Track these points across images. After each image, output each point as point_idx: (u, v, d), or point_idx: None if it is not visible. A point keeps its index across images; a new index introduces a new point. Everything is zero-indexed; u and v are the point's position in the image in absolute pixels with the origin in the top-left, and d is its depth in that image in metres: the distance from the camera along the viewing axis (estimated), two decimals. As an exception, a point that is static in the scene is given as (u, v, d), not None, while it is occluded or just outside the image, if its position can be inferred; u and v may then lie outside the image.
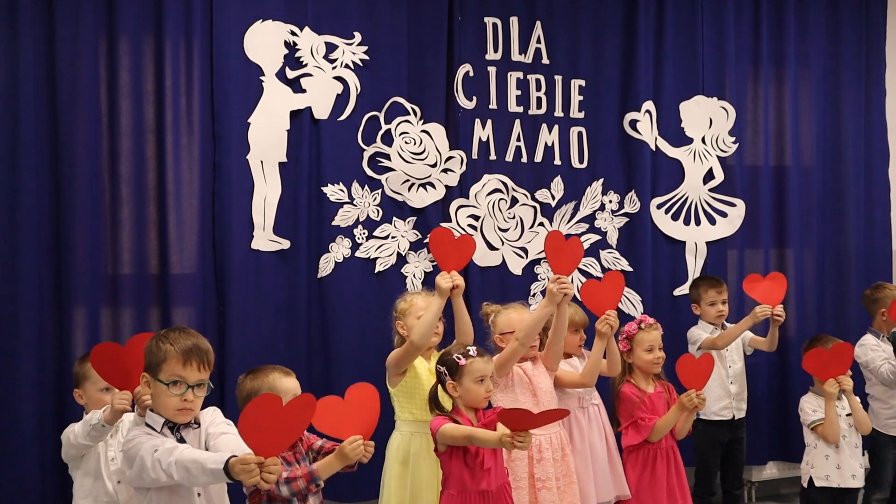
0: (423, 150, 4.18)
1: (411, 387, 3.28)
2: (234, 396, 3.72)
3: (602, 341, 3.44)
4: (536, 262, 4.40)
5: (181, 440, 2.37)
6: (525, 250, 4.38)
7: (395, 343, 3.45)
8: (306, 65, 3.98)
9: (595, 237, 4.50)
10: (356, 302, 4.04)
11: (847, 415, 3.74)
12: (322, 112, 3.99)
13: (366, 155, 4.09)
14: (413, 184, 4.16)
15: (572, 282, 4.41)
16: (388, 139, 4.13)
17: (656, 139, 4.61)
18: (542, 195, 4.42)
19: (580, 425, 3.55)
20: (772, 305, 4.07)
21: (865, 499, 4.16)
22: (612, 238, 4.53)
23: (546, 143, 4.43)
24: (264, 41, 3.89)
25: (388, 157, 4.12)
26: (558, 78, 4.45)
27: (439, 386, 3.03)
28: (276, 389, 2.68)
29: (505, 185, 4.34)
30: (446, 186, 4.22)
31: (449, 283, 3.16)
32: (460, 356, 2.94)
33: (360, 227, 4.07)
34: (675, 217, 4.66)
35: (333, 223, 4.02)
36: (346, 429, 2.56)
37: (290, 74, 3.95)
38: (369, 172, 4.09)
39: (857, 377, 4.09)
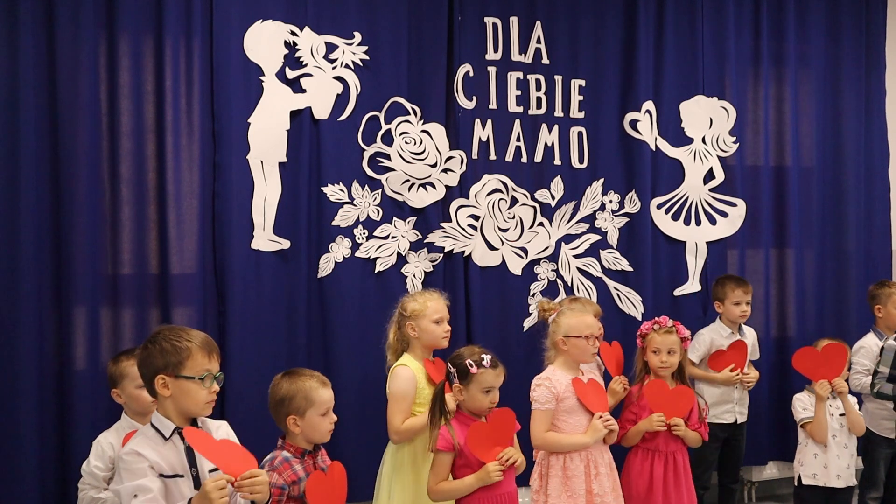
0: (423, 150, 4.18)
1: (419, 395, 3.32)
2: (234, 396, 3.75)
3: (614, 400, 3.62)
4: (536, 262, 4.40)
5: (188, 449, 2.32)
6: (525, 250, 4.38)
7: (390, 340, 3.47)
8: (306, 65, 3.97)
9: (595, 237, 4.50)
10: (356, 302, 4.04)
11: (840, 415, 3.74)
12: (322, 112, 3.99)
13: (366, 155, 4.09)
14: (413, 184, 4.16)
15: (572, 284, 4.43)
16: (388, 139, 4.13)
17: (656, 139, 4.61)
18: (542, 195, 4.42)
19: None
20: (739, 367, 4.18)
21: (861, 498, 4.16)
22: (613, 238, 4.53)
23: (546, 143, 4.43)
24: (264, 41, 3.89)
25: (388, 157, 4.12)
26: (558, 78, 4.45)
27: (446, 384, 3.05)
28: (311, 399, 2.65)
29: (505, 185, 4.34)
30: (446, 186, 4.22)
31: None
32: (473, 364, 2.92)
33: (360, 227, 4.07)
34: (675, 217, 4.66)
35: (333, 223, 4.02)
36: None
37: (290, 74, 3.95)
38: (369, 172, 4.09)
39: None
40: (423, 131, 4.18)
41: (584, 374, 3.40)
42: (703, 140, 4.71)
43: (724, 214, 4.75)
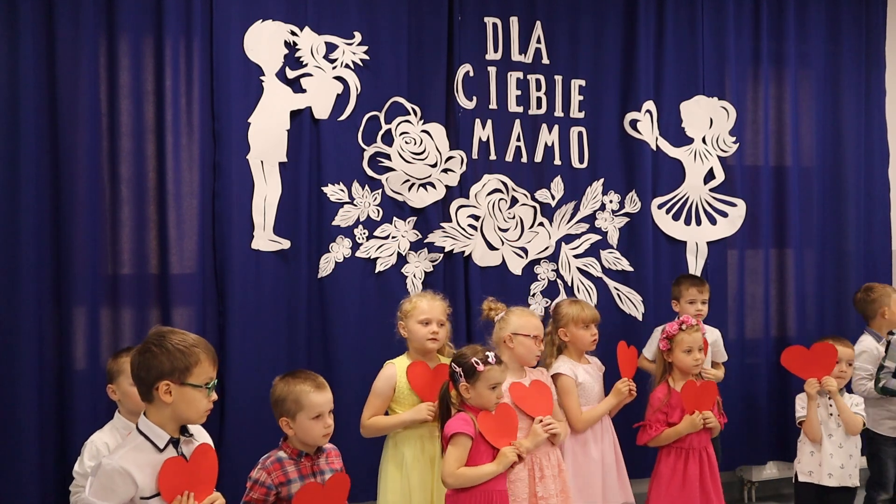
0: (424, 150, 4.18)
1: (400, 395, 3.31)
2: (234, 396, 3.76)
3: (617, 400, 3.62)
4: (536, 262, 4.40)
5: (182, 455, 2.28)
6: (525, 250, 4.38)
7: (407, 343, 3.46)
8: (306, 65, 3.97)
9: (595, 237, 4.49)
10: (356, 302, 4.04)
11: (839, 414, 3.74)
12: (322, 112, 3.99)
13: (366, 155, 4.09)
14: (413, 184, 4.16)
15: (573, 284, 4.43)
16: (388, 139, 4.13)
17: (657, 139, 4.61)
18: (542, 195, 4.42)
19: (594, 433, 3.58)
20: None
21: (870, 500, 4.15)
22: (613, 238, 4.53)
23: (546, 143, 4.43)
24: (264, 41, 3.89)
25: (388, 156, 4.12)
26: (558, 78, 4.45)
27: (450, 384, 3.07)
28: (301, 403, 2.63)
29: (505, 185, 4.34)
30: (446, 186, 4.22)
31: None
32: (479, 361, 2.98)
33: (360, 227, 4.06)
34: (675, 217, 4.66)
35: (333, 223, 4.02)
36: None
37: (291, 74, 3.95)
38: (369, 172, 4.09)
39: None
40: (424, 131, 4.18)
41: (529, 375, 3.39)
42: (704, 140, 4.71)
43: (725, 214, 4.75)
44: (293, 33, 3.95)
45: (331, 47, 4.02)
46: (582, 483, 3.48)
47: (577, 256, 4.46)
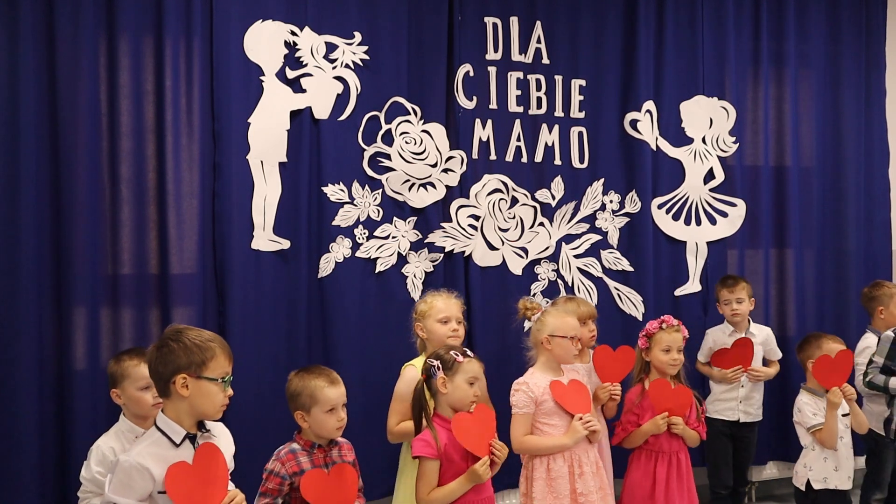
0: (424, 150, 4.18)
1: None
2: (234, 396, 3.72)
3: (595, 406, 3.58)
4: (536, 262, 4.40)
5: None
6: (525, 250, 4.38)
7: (416, 345, 3.45)
8: (306, 65, 3.97)
9: (596, 237, 4.50)
10: (356, 302, 4.04)
11: (843, 415, 3.73)
12: (322, 112, 3.99)
13: (366, 155, 4.09)
14: (413, 184, 4.16)
15: (573, 284, 4.43)
16: (388, 139, 4.13)
17: (657, 139, 4.61)
18: (542, 195, 4.42)
19: None
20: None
21: (865, 499, 4.15)
22: (613, 238, 4.53)
23: (546, 143, 4.43)
24: (264, 41, 3.89)
25: (388, 156, 4.12)
26: (558, 78, 4.45)
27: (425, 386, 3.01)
28: (315, 397, 2.70)
29: (505, 185, 4.34)
30: (447, 186, 4.22)
31: None
32: (458, 354, 2.95)
33: (360, 227, 4.06)
34: (675, 217, 4.66)
35: (334, 223, 4.02)
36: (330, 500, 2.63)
37: (290, 74, 3.95)
38: (369, 172, 4.09)
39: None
40: (424, 131, 4.18)
41: (566, 374, 3.39)
42: (704, 140, 4.71)
43: (724, 214, 4.75)
44: (293, 33, 3.95)
45: (331, 47, 4.02)
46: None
47: (577, 256, 4.46)
